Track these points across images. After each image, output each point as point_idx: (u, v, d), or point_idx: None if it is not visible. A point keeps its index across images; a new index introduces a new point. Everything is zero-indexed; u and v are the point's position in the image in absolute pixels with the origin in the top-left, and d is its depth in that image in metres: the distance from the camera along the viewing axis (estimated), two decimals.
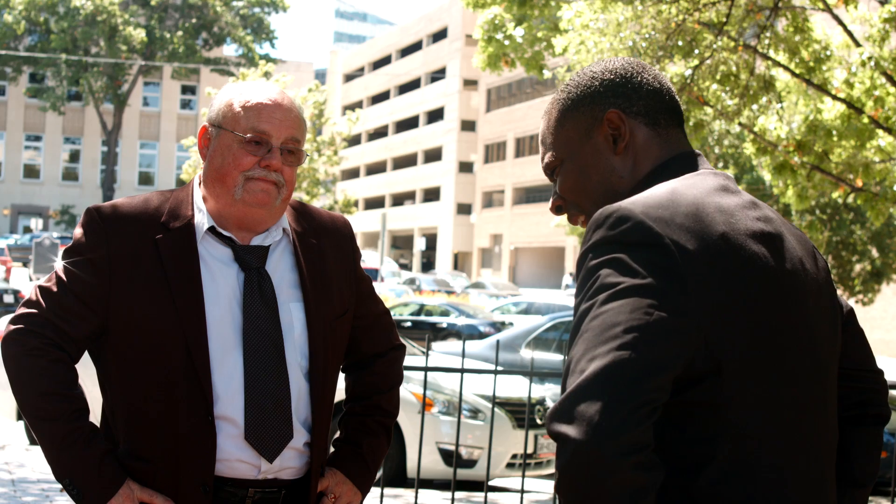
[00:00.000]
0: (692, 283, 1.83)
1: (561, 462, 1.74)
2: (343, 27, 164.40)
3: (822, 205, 24.00)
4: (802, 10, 13.15)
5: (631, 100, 2.08)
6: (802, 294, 1.96)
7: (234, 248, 2.79)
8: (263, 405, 2.72)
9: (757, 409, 1.87)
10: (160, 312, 2.68)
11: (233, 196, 2.76)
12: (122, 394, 2.72)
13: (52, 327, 2.69)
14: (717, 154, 25.05)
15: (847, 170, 13.67)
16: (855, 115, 12.65)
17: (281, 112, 2.79)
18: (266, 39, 62.61)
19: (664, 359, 1.78)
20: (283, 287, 2.81)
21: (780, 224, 2.04)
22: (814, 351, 1.96)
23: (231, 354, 2.71)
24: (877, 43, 12.62)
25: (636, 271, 1.82)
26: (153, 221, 2.75)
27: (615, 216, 1.88)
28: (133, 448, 2.70)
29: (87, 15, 56.45)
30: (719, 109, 13.55)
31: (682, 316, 1.81)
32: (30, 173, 69.31)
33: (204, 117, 2.94)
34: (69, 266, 2.74)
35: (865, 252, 26.03)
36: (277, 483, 2.76)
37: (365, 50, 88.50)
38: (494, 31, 20.12)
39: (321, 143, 31.23)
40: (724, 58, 12.88)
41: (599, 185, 2.09)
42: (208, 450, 2.68)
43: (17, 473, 8.73)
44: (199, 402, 2.67)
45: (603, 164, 2.09)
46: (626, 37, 12.70)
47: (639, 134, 2.08)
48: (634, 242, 1.85)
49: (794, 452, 1.92)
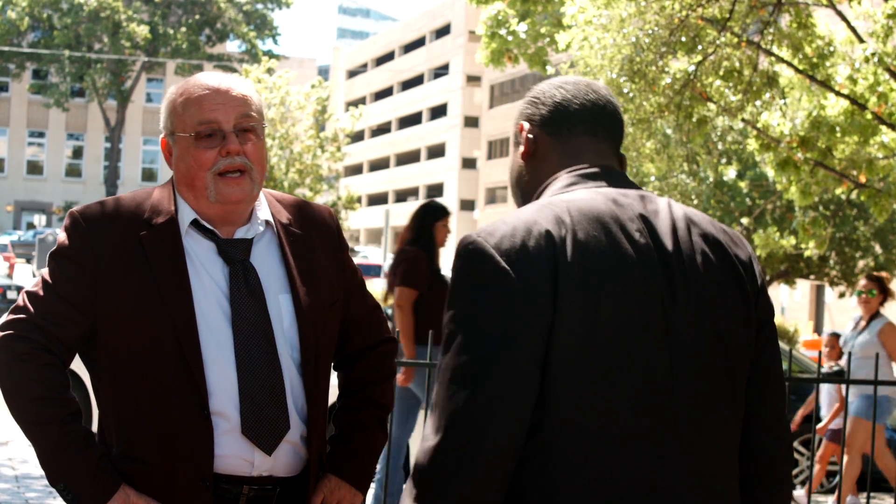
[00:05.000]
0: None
1: None
2: (346, 23, 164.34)
3: (825, 201, 23.99)
4: (806, 6, 13.14)
5: (538, 110, 2.32)
6: (668, 294, 2.12)
7: (217, 241, 2.77)
8: (258, 397, 2.70)
9: (583, 399, 2.04)
10: (149, 310, 2.67)
11: (207, 198, 2.75)
12: (115, 394, 2.71)
13: (41, 331, 2.67)
14: (720, 150, 25.02)
15: (850, 166, 13.65)
16: (858, 112, 12.63)
17: (220, 96, 2.77)
18: (269, 36, 62.55)
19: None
20: (270, 279, 2.79)
21: (668, 229, 2.19)
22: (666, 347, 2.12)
23: (222, 348, 2.70)
24: (880, 39, 12.60)
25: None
26: (136, 219, 2.74)
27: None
28: (128, 449, 2.69)
29: (91, 11, 56.44)
30: (722, 105, 13.54)
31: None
32: (33, 170, 69.33)
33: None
34: (55, 269, 2.72)
35: (869, 248, 26.02)
36: (272, 480, 2.74)
37: (368, 46, 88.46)
38: (498, 26, 20.11)
39: (324, 139, 31.23)
40: (728, 54, 12.87)
41: (517, 186, 2.36)
42: (206, 445, 2.66)
43: (20, 469, 8.75)
44: (193, 397, 2.66)
45: (518, 167, 2.36)
46: (630, 33, 12.69)
47: (541, 143, 2.31)
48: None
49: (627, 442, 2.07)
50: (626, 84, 13.11)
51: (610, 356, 2.05)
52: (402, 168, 78.49)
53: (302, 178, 30.01)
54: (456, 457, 1.98)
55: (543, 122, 2.30)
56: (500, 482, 2.00)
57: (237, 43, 63.46)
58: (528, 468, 2.04)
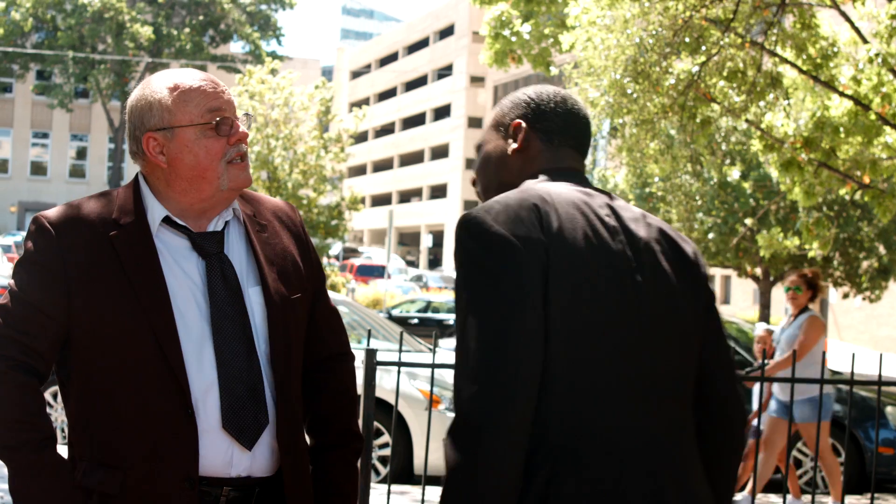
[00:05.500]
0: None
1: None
2: (350, 24, 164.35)
3: (829, 202, 23.96)
4: (809, 7, 13.13)
5: (537, 117, 2.62)
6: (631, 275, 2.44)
7: (190, 236, 2.74)
8: (238, 392, 2.67)
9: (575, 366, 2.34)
10: (125, 310, 2.62)
11: (217, 187, 2.72)
12: (90, 400, 2.66)
13: (15, 345, 2.62)
14: (724, 151, 25.01)
15: (854, 167, 13.64)
16: (862, 112, 12.62)
17: (215, 85, 2.76)
18: (273, 36, 62.57)
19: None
20: (241, 271, 2.77)
21: (633, 221, 2.53)
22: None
23: (202, 344, 2.67)
24: (884, 39, 12.59)
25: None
26: (103, 220, 2.70)
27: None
28: (104, 456, 2.64)
29: (95, 12, 56.48)
30: (726, 106, 13.54)
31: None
32: (37, 170, 69.38)
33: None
34: (24, 277, 2.67)
35: (872, 249, 25.98)
36: (251, 481, 2.71)
37: (372, 47, 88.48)
38: (501, 27, 20.12)
39: (328, 139, 31.23)
40: (731, 54, 12.86)
41: (495, 175, 2.63)
42: (190, 444, 2.63)
43: None
44: (175, 396, 2.62)
45: (501, 158, 2.63)
46: (633, 33, 12.69)
47: (533, 145, 2.61)
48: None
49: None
50: (630, 85, 13.11)
51: (592, 318, 2.35)
52: (405, 169, 78.49)
53: (306, 178, 29.97)
54: (500, 396, 2.25)
55: (540, 129, 2.61)
56: (530, 413, 2.30)
57: (241, 44, 63.48)
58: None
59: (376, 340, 9.65)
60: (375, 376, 5.33)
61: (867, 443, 10.49)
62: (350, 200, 31.74)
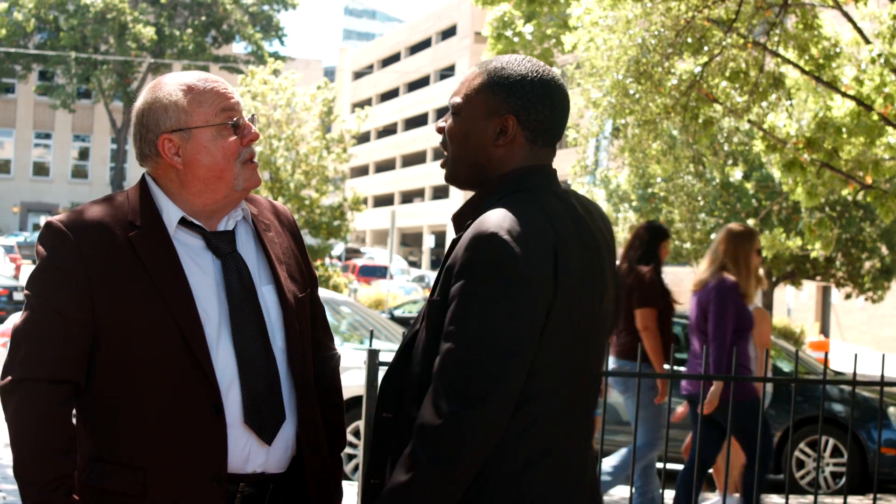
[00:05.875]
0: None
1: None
2: (352, 24, 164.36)
3: (831, 202, 23.95)
4: (812, 7, 13.13)
5: (529, 115, 2.60)
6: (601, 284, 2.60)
7: (204, 235, 2.76)
8: (258, 389, 2.69)
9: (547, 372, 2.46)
10: (151, 310, 2.63)
11: (233, 187, 2.75)
12: (116, 401, 2.65)
13: (46, 362, 2.61)
14: (726, 151, 24.99)
15: (857, 167, 13.63)
16: (865, 113, 12.62)
17: (225, 86, 2.78)
18: (275, 37, 62.59)
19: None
20: (253, 270, 2.79)
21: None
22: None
23: (222, 342, 2.68)
24: (886, 40, 12.59)
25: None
26: (119, 222, 2.70)
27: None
28: (126, 456, 2.63)
29: (97, 13, 56.50)
30: (728, 107, 13.53)
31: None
32: (39, 171, 69.41)
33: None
34: (45, 285, 2.66)
35: (875, 249, 25.95)
36: (265, 477, 2.73)
37: (374, 47, 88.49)
38: (504, 28, 20.13)
39: (330, 140, 31.22)
40: (734, 55, 12.86)
41: (472, 154, 2.63)
42: (219, 441, 2.64)
43: None
44: (204, 393, 2.64)
45: (484, 142, 2.61)
46: (636, 34, 12.69)
47: (518, 141, 2.61)
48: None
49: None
50: (633, 85, 13.11)
51: (568, 356, 2.49)
52: (408, 169, 78.49)
53: (308, 179, 29.97)
54: (488, 424, 2.37)
55: (528, 127, 2.62)
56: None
57: (243, 44, 63.48)
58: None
59: (378, 341, 9.64)
60: (378, 376, 5.33)
61: (869, 443, 10.49)
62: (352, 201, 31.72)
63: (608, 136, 20.79)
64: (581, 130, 18.42)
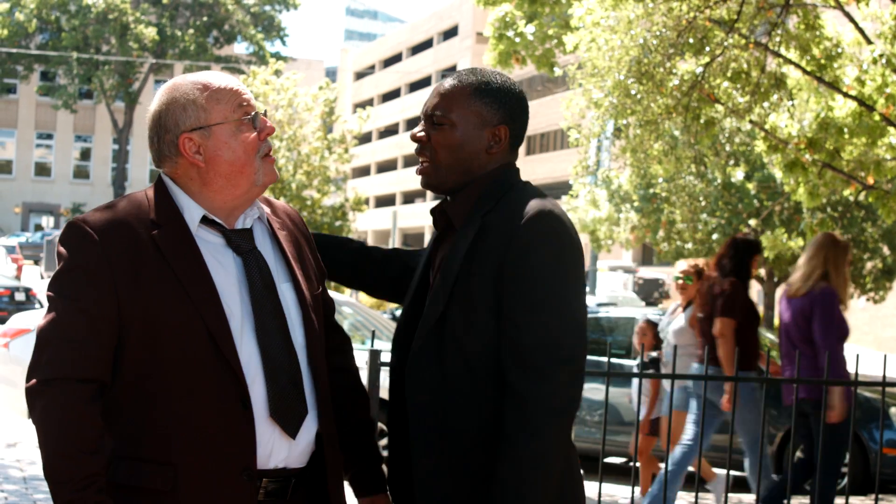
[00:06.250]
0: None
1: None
2: (353, 25, 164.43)
3: (833, 202, 23.93)
4: (814, 8, 13.12)
5: (518, 126, 2.93)
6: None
7: (224, 233, 2.78)
8: (282, 383, 2.73)
9: None
10: (177, 308, 2.65)
11: (253, 182, 2.79)
12: (144, 398, 2.66)
13: (74, 363, 2.61)
14: (728, 151, 24.97)
15: (858, 167, 13.62)
16: (866, 113, 12.61)
17: (238, 83, 2.82)
18: (277, 37, 62.64)
19: None
20: (272, 268, 2.82)
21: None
22: None
23: (246, 338, 2.71)
24: (888, 40, 12.58)
25: None
26: (142, 221, 2.71)
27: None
28: (155, 452, 2.64)
29: (99, 13, 56.54)
30: (730, 107, 13.53)
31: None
32: (41, 171, 69.46)
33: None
34: (71, 285, 2.66)
35: (877, 250, 25.94)
36: (286, 472, 2.76)
37: (375, 48, 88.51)
38: (505, 28, 20.11)
39: (332, 140, 31.23)
40: (735, 55, 12.85)
41: (465, 161, 2.88)
42: (248, 435, 2.66)
43: (28, 471, 8.76)
44: (232, 389, 2.66)
45: (478, 150, 2.89)
46: (637, 34, 12.68)
47: (503, 148, 2.91)
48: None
49: None
50: (634, 86, 13.10)
51: None
52: (409, 170, 78.51)
53: (310, 179, 29.98)
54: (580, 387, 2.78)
55: (513, 135, 2.94)
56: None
57: (245, 45, 63.53)
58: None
59: (380, 341, 9.65)
60: (379, 377, 5.34)
61: (871, 444, 10.48)
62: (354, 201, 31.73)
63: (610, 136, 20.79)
64: (583, 131, 18.41)
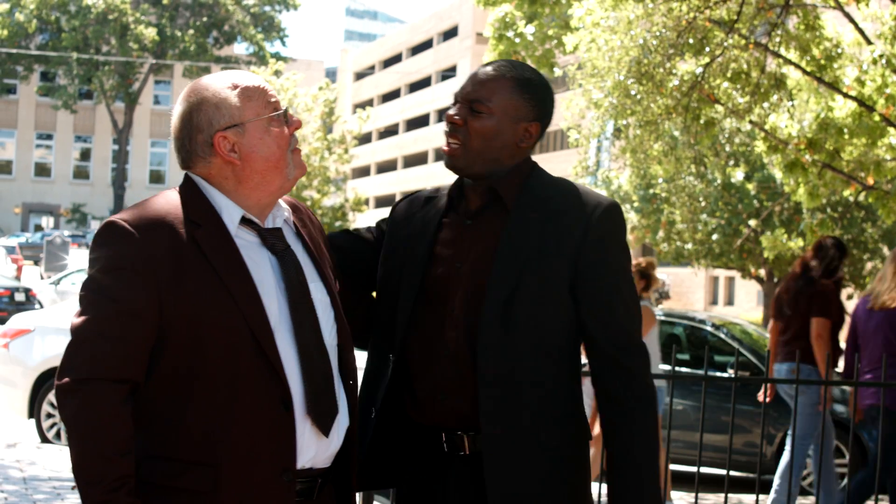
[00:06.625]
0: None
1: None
2: (353, 25, 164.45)
3: (833, 203, 23.93)
4: (813, 8, 13.12)
5: (544, 120, 3.03)
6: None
7: (260, 233, 2.79)
8: (318, 382, 2.74)
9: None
10: (220, 308, 2.64)
11: (286, 177, 2.80)
12: (184, 398, 2.64)
13: (109, 363, 2.59)
14: (728, 152, 24.98)
15: (858, 168, 13.63)
16: (866, 113, 12.62)
17: (263, 81, 2.86)
18: (277, 38, 62.66)
19: None
20: (303, 267, 2.84)
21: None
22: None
23: (285, 337, 2.71)
24: (888, 41, 12.59)
25: None
26: (180, 220, 2.70)
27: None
28: (195, 453, 2.63)
29: (99, 13, 56.56)
30: (730, 107, 13.53)
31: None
32: (41, 172, 69.46)
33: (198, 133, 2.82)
34: (111, 284, 2.63)
35: (876, 250, 25.95)
36: (313, 472, 2.76)
37: (375, 48, 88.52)
38: (505, 28, 20.13)
39: (332, 141, 31.23)
40: (735, 55, 12.85)
41: (496, 151, 2.97)
42: (288, 435, 2.67)
43: (28, 471, 8.76)
44: (274, 388, 2.66)
45: (510, 143, 2.98)
46: (637, 35, 12.69)
47: (533, 143, 3.03)
48: None
49: None
50: (634, 86, 13.11)
51: None
52: (409, 170, 78.51)
53: (310, 180, 30.00)
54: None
55: (542, 130, 3.05)
56: None
57: (245, 45, 63.56)
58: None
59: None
60: None
61: (871, 444, 10.48)
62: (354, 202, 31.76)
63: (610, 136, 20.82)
64: (583, 131, 18.42)
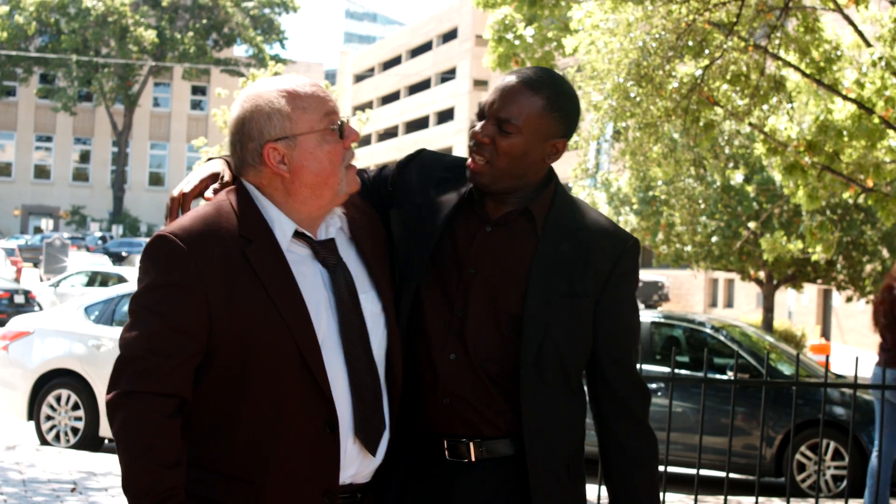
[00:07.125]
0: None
1: None
2: (353, 28, 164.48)
3: (832, 205, 23.92)
4: (813, 10, 13.13)
5: (569, 135, 2.92)
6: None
7: (311, 245, 2.71)
8: (367, 400, 2.68)
9: None
10: (267, 325, 2.58)
11: (336, 192, 2.70)
12: (229, 415, 2.61)
13: (157, 377, 2.55)
14: (727, 154, 24.97)
15: (858, 170, 13.63)
16: (865, 116, 12.62)
17: (323, 90, 2.73)
18: (276, 40, 62.70)
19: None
20: (354, 277, 2.75)
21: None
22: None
23: (334, 355, 2.65)
24: (887, 43, 12.59)
25: None
26: (231, 234, 2.62)
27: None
28: (238, 469, 2.60)
29: (98, 16, 56.58)
30: (729, 110, 13.53)
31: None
32: (40, 174, 69.47)
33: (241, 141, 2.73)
34: (160, 303, 2.58)
35: (876, 252, 25.93)
36: (353, 487, 2.71)
37: (375, 50, 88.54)
38: (505, 31, 20.14)
39: None
40: (735, 58, 12.85)
41: (522, 168, 2.86)
42: (332, 456, 2.62)
43: (27, 473, 8.76)
44: (320, 408, 2.61)
45: (537, 160, 2.88)
46: (637, 37, 12.69)
47: (558, 158, 2.91)
48: None
49: None
50: (633, 88, 13.11)
51: None
52: None
53: None
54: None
55: (566, 146, 2.96)
56: None
57: (244, 47, 63.59)
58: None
59: None
60: None
61: (870, 446, 10.49)
62: None
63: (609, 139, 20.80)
64: (582, 133, 18.42)
